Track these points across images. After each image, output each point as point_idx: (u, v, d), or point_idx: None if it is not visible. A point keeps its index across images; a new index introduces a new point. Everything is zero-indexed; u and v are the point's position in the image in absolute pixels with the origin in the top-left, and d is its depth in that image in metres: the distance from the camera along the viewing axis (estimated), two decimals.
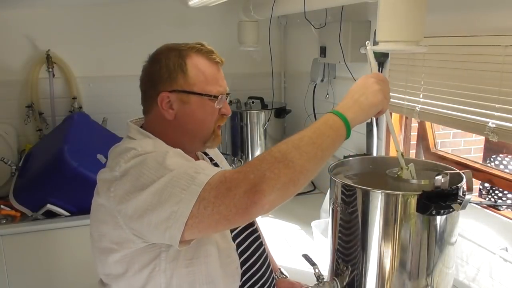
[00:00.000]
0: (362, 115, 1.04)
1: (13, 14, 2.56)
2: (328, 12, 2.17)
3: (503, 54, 1.32)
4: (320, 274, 1.33)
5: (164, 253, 1.06)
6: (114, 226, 1.03)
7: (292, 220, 2.22)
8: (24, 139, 2.69)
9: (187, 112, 1.15)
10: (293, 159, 0.90)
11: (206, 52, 1.18)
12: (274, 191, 0.87)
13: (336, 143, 0.99)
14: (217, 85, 1.19)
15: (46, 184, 2.06)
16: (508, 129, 1.31)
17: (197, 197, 0.90)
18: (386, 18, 1.17)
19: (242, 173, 0.89)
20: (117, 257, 1.06)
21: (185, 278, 1.08)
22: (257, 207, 0.87)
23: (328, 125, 0.98)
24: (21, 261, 2.04)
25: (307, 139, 0.94)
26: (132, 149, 1.04)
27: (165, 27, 2.76)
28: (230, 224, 0.94)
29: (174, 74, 1.14)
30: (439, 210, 1.13)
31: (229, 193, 0.88)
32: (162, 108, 1.14)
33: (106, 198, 1.03)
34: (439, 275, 1.21)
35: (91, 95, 2.77)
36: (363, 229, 1.20)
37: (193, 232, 0.93)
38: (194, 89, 1.14)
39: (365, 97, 1.05)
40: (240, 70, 2.99)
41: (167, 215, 0.92)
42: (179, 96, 1.14)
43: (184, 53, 1.15)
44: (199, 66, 1.15)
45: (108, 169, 1.05)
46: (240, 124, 2.69)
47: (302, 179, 0.92)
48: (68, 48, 2.69)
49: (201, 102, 1.15)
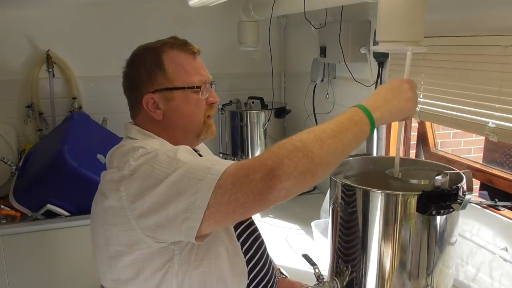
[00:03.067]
0: (389, 117, 1.04)
1: (13, 14, 2.56)
2: (328, 12, 2.17)
3: (503, 54, 1.32)
4: (320, 274, 1.33)
5: (177, 256, 1.04)
6: (125, 227, 1.01)
7: (292, 220, 2.22)
8: (24, 139, 2.69)
9: (174, 108, 1.15)
10: (313, 149, 0.89)
11: (180, 44, 1.17)
12: (291, 178, 0.86)
13: (359, 140, 0.97)
14: (199, 75, 1.17)
15: (46, 184, 2.06)
16: (508, 129, 1.31)
17: (214, 185, 0.89)
18: (386, 18, 1.17)
19: (260, 159, 0.89)
20: (127, 260, 1.04)
21: (196, 279, 1.07)
22: (274, 193, 0.86)
23: (353, 120, 0.97)
24: (21, 261, 2.04)
25: (329, 132, 0.93)
26: (140, 147, 1.03)
27: (165, 27, 2.76)
28: (246, 212, 0.93)
29: (153, 74, 1.14)
30: (439, 210, 1.13)
31: (247, 178, 0.88)
32: (149, 110, 1.14)
33: (116, 199, 1.01)
34: (439, 275, 1.21)
35: (91, 95, 2.77)
36: (363, 229, 1.20)
37: (210, 223, 0.92)
38: (176, 84, 1.14)
39: (397, 101, 1.04)
40: (240, 70, 2.99)
41: (185, 207, 0.91)
42: (162, 94, 1.14)
43: (158, 50, 1.15)
44: (176, 60, 1.15)
45: (115, 169, 1.03)
46: (240, 124, 2.69)
47: (321, 171, 0.91)
48: (68, 48, 2.69)
49: (185, 95, 1.15)
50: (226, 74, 2.95)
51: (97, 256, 1.12)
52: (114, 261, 1.06)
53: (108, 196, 1.03)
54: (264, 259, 1.24)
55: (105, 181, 1.05)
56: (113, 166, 1.05)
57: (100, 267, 1.12)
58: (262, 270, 1.21)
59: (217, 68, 2.94)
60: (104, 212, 1.06)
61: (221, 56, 2.86)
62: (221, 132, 2.81)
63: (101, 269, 1.12)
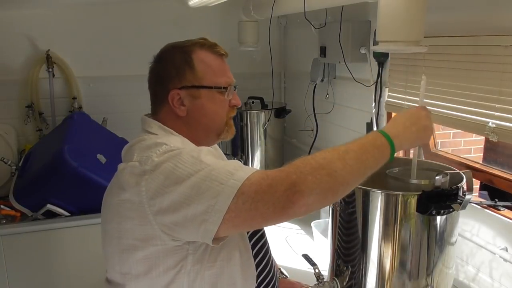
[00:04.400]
0: (407, 143, 1.09)
1: (13, 14, 2.56)
2: (328, 12, 2.17)
3: (503, 54, 1.31)
4: (320, 274, 1.33)
5: (191, 255, 1.04)
6: (141, 222, 1.00)
7: (292, 220, 2.22)
8: (24, 139, 2.69)
9: (198, 106, 1.15)
10: (337, 169, 0.91)
11: (210, 46, 1.19)
12: (313, 194, 0.88)
13: (379, 164, 1.01)
14: (225, 77, 1.19)
15: (46, 184, 2.06)
16: (508, 129, 1.31)
17: (236, 191, 0.90)
18: (386, 18, 1.17)
19: (285, 172, 0.90)
20: (140, 255, 1.04)
21: (208, 280, 1.07)
22: (294, 208, 0.87)
23: (375, 145, 1.01)
24: (21, 261, 2.04)
25: (352, 154, 0.95)
26: (163, 144, 1.03)
27: (165, 27, 2.76)
28: (264, 223, 0.95)
29: (181, 71, 1.14)
30: (439, 210, 1.13)
31: (270, 189, 0.88)
32: (174, 105, 1.15)
33: (135, 193, 1.00)
34: (439, 275, 1.21)
35: (91, 95, 2.77)
36: (363, 229, 1.20)
37: (228, 227, 0.92)
38: (203, 83, 1.15)
39: (416, 128, 1.08)
40: (240, 70, 2.96)
41: (205, 208, 0.91)
42: (189, 91, 1.14)
43: (188, 49, 1.16)
44: (205, 60, 1.16)
45: (137, 163, 1.02)
46: (240, 124, 2.69)
47: (342, 190, 0.94)
48: (68, 48, 2.69)
49: (211, 95, 1.16)
50: None
51: (108, 248, 1.11)
52: (126, 254, 1.06)
53: (126, 189, 1.02)
54: (270, 263, 1.25)
55: (125, 173, 1.04)
56: (132, 159, 1.04)
57: (109, 259, 1.12)
58: (268, 274, 1.22)
59: None
60: (120, 205, 1.05)
61: None
62: None
63: (110, 261, 1.11)
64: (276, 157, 2.80)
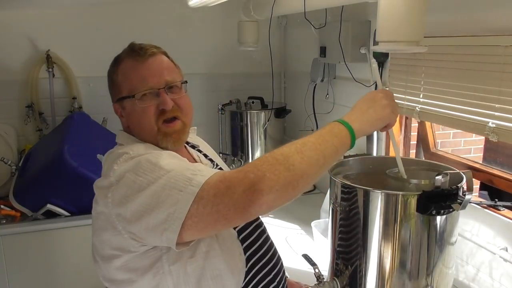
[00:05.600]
0: (368, 126, 1.07)
1: (13, 14, 2.56)
2: (328, 12, 2.17)
3: (503, 54, 1.31)
4: (320, 274, 1.33)
5: (165, 255, 1.05)
6: (113, 232, 1.03)
7: (292, 220, 2.22)
8: (24, 139, 2.69)
9: (127, 117, 1.19)
10: (294, 162, 0.91)
11: (130, 51, 1.18)
12: (273, 191, 0.88)
13: (340, 152, 1.00)
14: (143, 82, 1.13)
15: (46, 184, 2.06)
16: (508, 129, 1.31)
17: (194, 197, 0.91)
18: (386, 18, 1.17)
19: (242, 173, 0.90)
20: (119, 263, 1.06)
21: (192, 275, 1.08)
22: (255, 207, 0.88)
23: (333, 133, 1.01)
24: (21, 261, 2.04)
25: (310, 145, 0.96)
26: (124, 153, 1.06)
27: (165, 27, 2.76)
28: (229, 224, 0.95)
29: (109, 84, 1.21)
30: (439, 210, 1.13)
31: (228, 191, 0.89)
32: (119, 117, 1.21)
33: (104, 204, 1.03)
34: (439, 275, 1.21)
35: (91, 95, 2.77)
36: (363, 229, 1.20)
37: (192, 232, 0.94)
38: (122, 94, 1.16)
39: (373, 110, 1.08)
40: (240, 70, 2.99)
41: (164, 217, 0.93)
42: (119, 104, 1.18)
43: (116, 62, 1.20)
44: (124, 70, 1.17)
45: (103, 176, 1.06)
46: (240, 124, 2.69)
47: (302, 183, 0.93)
48: (68, 48, 2.69)
49: (131, 104, 1.15)
50: (226, 74, 2.95)
51: (96, 259, 1.15)
52: (108, 263, 1.09)
53: (99, 202, 1.06)
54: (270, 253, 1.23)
55: (97, 187, 1.08)
56: (103, 172, 1.09)
57: (98, 269, 1.15)
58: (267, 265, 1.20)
59: (217, 68, 2.98)
60: (96, 218, 1.09)
61: (221, 56, 2.87)
62: (221, 132, 2.81)
63: (99, 271, 1.15)
64: None
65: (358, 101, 1.11)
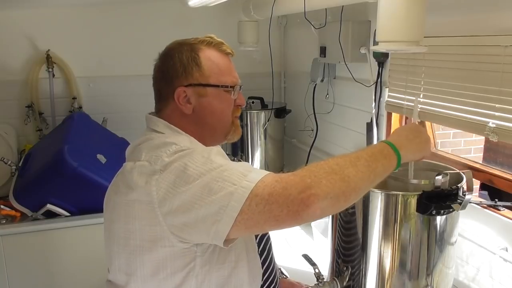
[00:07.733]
0: (411, 155, 1.12)
1: (13, 14, 2.56)
2: (328, 12, 2.17)
3: (503, 54, 1.31)
4: (320, 274, 1.33)
5: (199, 258, 1.03)
6: (150, 222, 0.99)
7: None
8: (24, 139, 2.69)
9: (204, 105, 1.15)
10: (350, 174, 0.93)
11: (217, 44, 1.18)
12: (327, 198, 0.88)
13: (386, 173, 1.03)
14: (231, 76, 1.18)
15: (46, 184, 2.06)
16: (508, 129, 1.31)
17: (249, 192, 0.89)
18: (386, 18, 1.17)
19: (298, 176, 0.90)
20: (147, 257, 1.02)
21: (215, 281, 1.06)
22: (309, 211, 0.87)
23: (383, 154, 1.03)
24: (21, 261, 2.04)
25: (363, 161, 0.97)
26: (172, 143, 1.02)
27: (165, 27, 2.75)
28: (277, 225, 0.92)
29: (188, 68, 1.14)
30: (439, 210, 1.13)
31: (284, 191, 0.88)
32: (180, 103, 1.13)
33: (144, 192, 0.98)
34: (439, 275, 1.21)
35: (91, 95, 2.77)
36: (363, 229, 1.20)
37: (240, 229, 0.91)
38: (210, 81, 1.14)
39: (419, 141, 1.13)
40: (240, 70, 2.94)
41: (217, 209, 0.90)
42: (195, 89, 1.14)
43: (195, 46, 1.16)
44: (212, 58, 1.16)
45: (146, 162, 1.01)
46: (240, 124, 2.68)
47: (353, 195, 0.94)
48: (68, 48, 2.69)
49: (217, 93, 1.15)
50: None
51: (113, 248, 1.09)
52: (133, 255, 1.04)
53: (135, 189, 1.00)
54: (273, 261, 1.25)
55: (133, 173, 1.02)
56: (140, 159, 1.03)
57: (114, 259, 1.09)
58: (272, 273, 1.22)
59: None
60: (127, 205, 1.03)
61: None
62: None
63: (115, 261, 1.09)
64: (276, 157, 2.80)
65: (403, 127, 1.20)
